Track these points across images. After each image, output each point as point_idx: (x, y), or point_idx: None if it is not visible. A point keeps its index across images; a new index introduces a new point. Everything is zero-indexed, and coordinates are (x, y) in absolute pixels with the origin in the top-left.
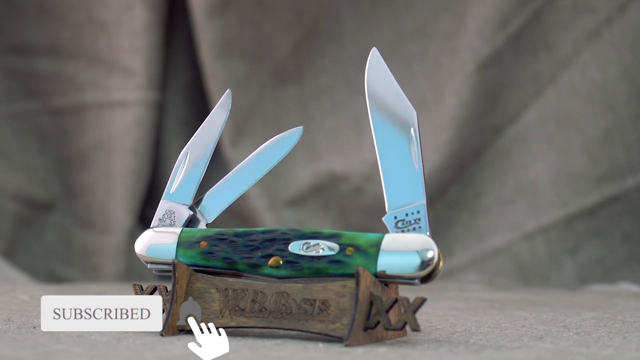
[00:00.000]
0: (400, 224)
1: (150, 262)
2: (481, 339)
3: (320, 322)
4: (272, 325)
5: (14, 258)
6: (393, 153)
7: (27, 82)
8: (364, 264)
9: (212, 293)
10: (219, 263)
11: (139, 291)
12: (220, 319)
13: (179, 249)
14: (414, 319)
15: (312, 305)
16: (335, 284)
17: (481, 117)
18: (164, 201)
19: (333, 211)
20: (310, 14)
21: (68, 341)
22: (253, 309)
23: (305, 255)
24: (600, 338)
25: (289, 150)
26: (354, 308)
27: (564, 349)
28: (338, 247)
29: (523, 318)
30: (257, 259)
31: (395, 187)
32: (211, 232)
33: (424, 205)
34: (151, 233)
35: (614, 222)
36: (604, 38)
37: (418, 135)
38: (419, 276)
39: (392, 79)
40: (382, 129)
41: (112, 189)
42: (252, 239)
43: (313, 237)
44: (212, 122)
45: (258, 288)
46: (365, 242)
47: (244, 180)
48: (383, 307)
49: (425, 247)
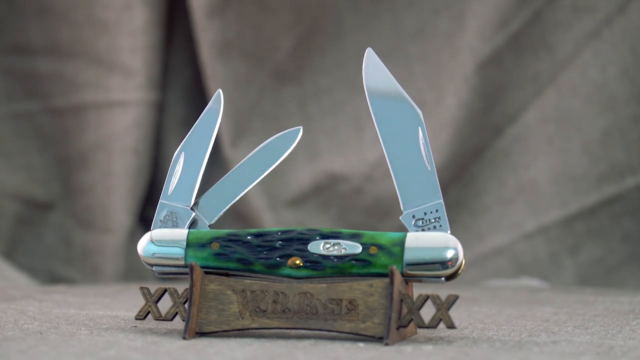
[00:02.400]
0: (419, 223)
1: (157, 264)
2: (496, 334)
3: (350, 322)
4: (298, 326)
5: (14, 258)
6: (402, 153)
7: (27, 82)
8: (389, 263)
9: (228, 295)
10: (233, 264)
11: (147, 294)
12: (241, 321)
13: (188, 251)
14: (448, 316)
15: (338, 305)
16: (361, 283)
17: (481, 117)
18: (163, 203)
19: (333, 211)
20: (310, 14)
21: (105, 346)
22: (275, 310)
23: (327, 255)
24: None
25: (289, 150)
26: (390, 307)
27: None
28: (360, 246)
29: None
30: (275, 259)
31: (409, 187)
32: (222, 233)
33: (442, 203)
34: (155, 235)
35: (614, 222)
36: (604, 38)
37: (426, 134)
38: (446, 274)
39: (391, 78)
40: (389, 131)
41: (112, 189)
42: (267, 239)
43: (333, 237)
44: (205, 122)
45: (278, 289)
46: (388, 241)
47: (244, 180)
48: (415, 305)
49: (450, 245)
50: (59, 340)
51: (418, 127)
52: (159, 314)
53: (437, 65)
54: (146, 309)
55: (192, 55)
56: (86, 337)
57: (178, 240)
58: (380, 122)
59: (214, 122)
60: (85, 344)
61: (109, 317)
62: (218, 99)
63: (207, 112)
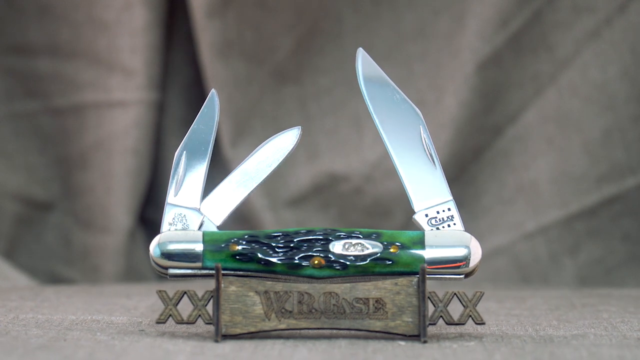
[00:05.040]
0: (433, 221)
1: (172, 267)
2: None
3: (379, 321)
4: (327, 326)
5: (14, 258)
6: (407, 153)
7: (27, 82)
8: (412, 261)
9: (250, 296)
10: (254, 265)
11: (166, 298)
12: (268, 322)
13: (205, 253)
14: (477, 312)
15: (365, 304)
16: (385, 282)
17: (481, 117)
18: (169, 205)
19: (333, 211)
20: (310, 13)
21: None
22: (302, 311)
23: (348, 255)
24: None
25: (291, 149)
26: (423, 305)
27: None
28: (381, 245)
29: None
30: (296, 260)
31: (418, 186)
32: (238, 234)
33: (453, 201)
34: (167, 237)
35: (614, 222)
36: (604, 38)
37: (428, 134)
38: (466, 272)
39: (386, 78)
40: (391, 131)
41: (112, 189)
42: (286, 240)
43: (353, 237)
44: (203, 122)
45: (302, 289)
46: (407, 239)
47: (248, 181)
48: (443, 303)
49: (468, 243)
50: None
51: (419, 126)
52: (180, 318)
53: (437, 65)
54: (167, 313)
55: (192, 55)
56: (120, 342)
57: (193, 242)
58: (382, 122)
59: (212, 122)
60: (137, 351)
61: (105, 322)
62: (213, 99)
63: (204, 112)
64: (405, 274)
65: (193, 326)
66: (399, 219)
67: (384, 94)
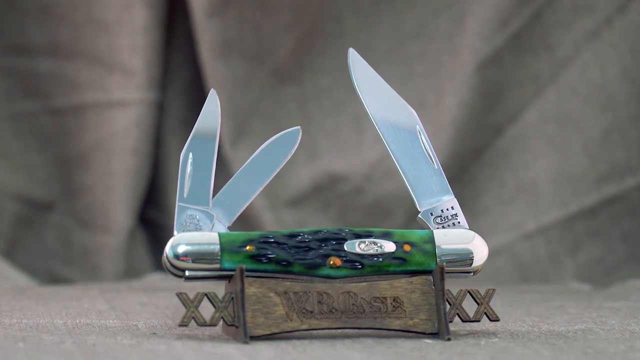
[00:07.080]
0: (438, 220)
1: (189, 269)
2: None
3: (398, 319)
4: (347, 325)
5: (14, 258)
6: (407, 152)
7: (27, 82)
8: (424, 259)
9: (271, 297)
10: (272, 266)
11: (187, 300)
12: (290, 323)
13: (223, 254)
14: (491, 309)
15: (383, 303)
16: (400, 281)
17: (481, 117)
18: (181, 206)
19: (333, 211)
20: (310, 13)
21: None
22: (322, 311)
23: (364, 254)
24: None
25: (294, 149)
26: (442, 303)
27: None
28: (394, 244)
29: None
30: (314, 260)
31: (419, 185)
32: (254, 235)
33: (455, 199)
34: (183, 239)
35: (614, 222)
36: (604, 38)
37: (425, 133)
38: (475, 269)
39: (379, 79)
40: (389, 131)
41: (112, 189)
42: (301, 240)
43: (366, 236)
44: (206, 122)
45: (320, 289)
46: (418, 238)
47: (253, 182)
48: (458, 301)
49: (475, 241)
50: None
51: (416, 125)
52: (203, 320)
53: (437, 65)
54: (190, 315)
55: (192, 55)
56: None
57: (210, 243)
58: (379, 122)
59: (215, 122)
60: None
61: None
62: (214, 98)
63: (205, 112)
64: (417, 272)
65: (195, 328)
66: (399, 219)
67: (378, 92)
